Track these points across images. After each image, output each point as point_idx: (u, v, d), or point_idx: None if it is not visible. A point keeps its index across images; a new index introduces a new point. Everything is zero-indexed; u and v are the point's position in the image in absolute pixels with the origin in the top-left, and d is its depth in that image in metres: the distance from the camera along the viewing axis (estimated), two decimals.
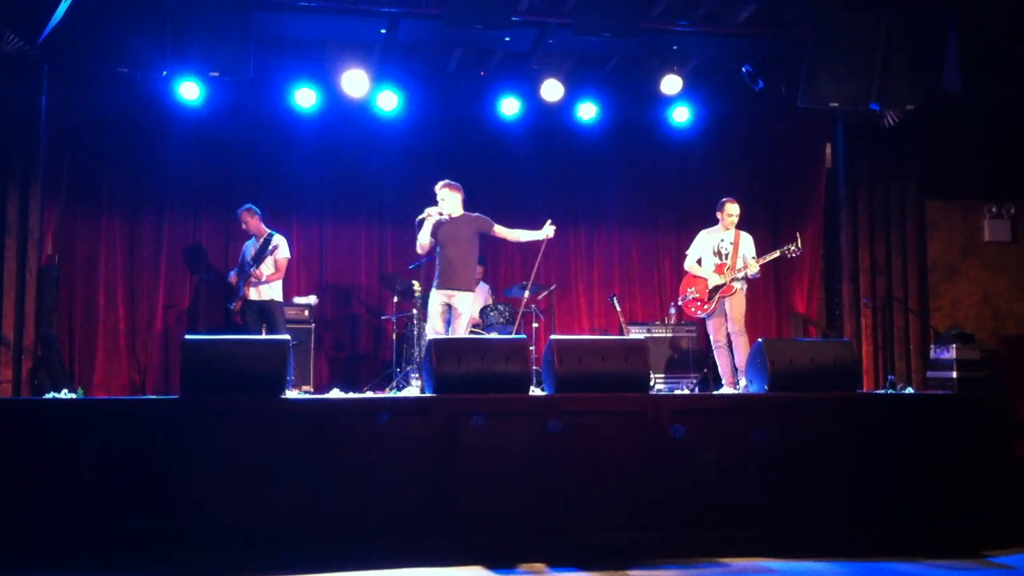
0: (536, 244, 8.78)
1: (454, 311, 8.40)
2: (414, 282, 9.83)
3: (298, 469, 5.74)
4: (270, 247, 9.43)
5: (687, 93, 10.51)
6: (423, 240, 8.48)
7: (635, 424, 6.14)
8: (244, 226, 9.64)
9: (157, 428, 5.66)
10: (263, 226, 9.67)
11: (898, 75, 8.67)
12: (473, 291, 8.54)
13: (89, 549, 5.46)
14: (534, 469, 5.98)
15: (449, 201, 8.50)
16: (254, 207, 9.70)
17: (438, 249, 8.51)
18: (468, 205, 8.80)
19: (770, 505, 6.18)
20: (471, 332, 9.35)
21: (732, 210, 9.09)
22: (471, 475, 5.91)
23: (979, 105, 9.85)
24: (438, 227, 8.47)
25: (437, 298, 8.43)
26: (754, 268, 8.91)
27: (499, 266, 10.99)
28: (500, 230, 8.57)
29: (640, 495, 6.06)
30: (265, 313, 9.47)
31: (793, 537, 6.06)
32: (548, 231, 8.44)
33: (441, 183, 8.60)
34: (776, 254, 9.00)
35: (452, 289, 8.38)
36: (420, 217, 8.51)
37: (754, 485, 6.19)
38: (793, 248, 8.92)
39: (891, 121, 9.66)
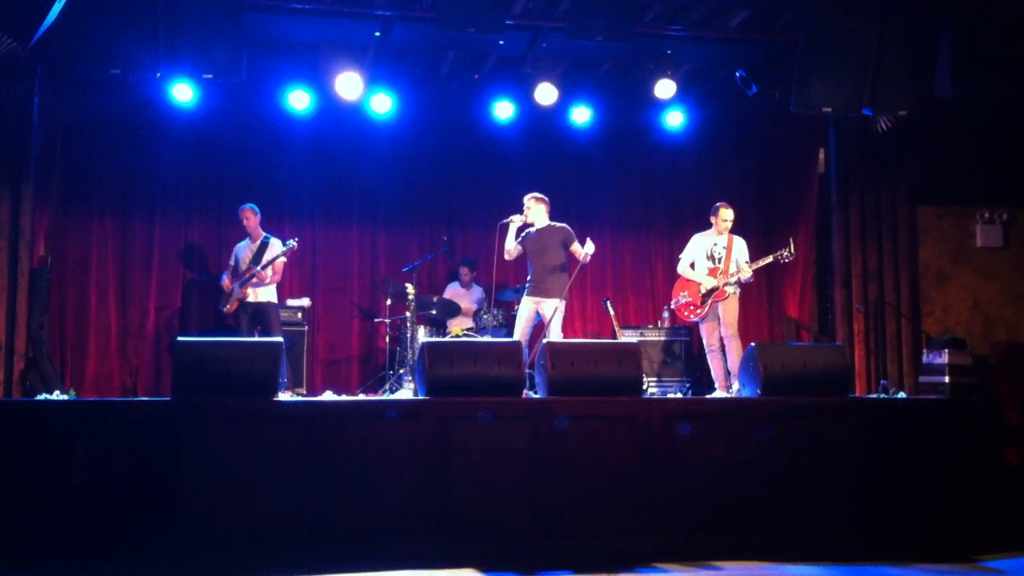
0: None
1: (543, 317, 8.77)
2: (407, 285, 9.84)
3: (290, 472, 5.73)
4: (282, 250, 9.42)
5: (680, 97, 10.51)
6: (509, 247, 8.99)
7: (628, 428, 6.15)
8: (245, 222, 9.63)
9: (149, 430, 5.65)
10: (260, 228, 9.68)
11: (890, 81, 8.68)
12: (559, 297, 8.74)
13: (79, 551, 5.45)
14: (527, 473, 5.98)
15: (535, 212, 8.99)
16: (256, 207, 9.70)
17: (528, 259, 8.96)
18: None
19: (763, 509, 6.19)
20: (465, 334, 9.34)
21: (727, 215, 9.11)
22: (463, 478, 5.91)
23: (971, 111, 9.88)
24: (525, 237, 8.92)
25: (527, 304, 8.86)
26: (747, 272, 8.93)
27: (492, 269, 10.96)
28: (576, 246, 8.86)
29: (633, 499, 6.06)
30: (261, 315, 9.46)
31: (785, 541, 6.08)
32: (589, 249, 8.69)
33: (529, 195, 9.06)
34: (769, 259, 9.00)
35: (540, 296, 8.78)
36: (503, 222, 8.91)
37: (747, 489, 6.19)
38: (786, 253, 8.92)
39: (884, 126, 9.69)
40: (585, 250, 8.67)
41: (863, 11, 8.60)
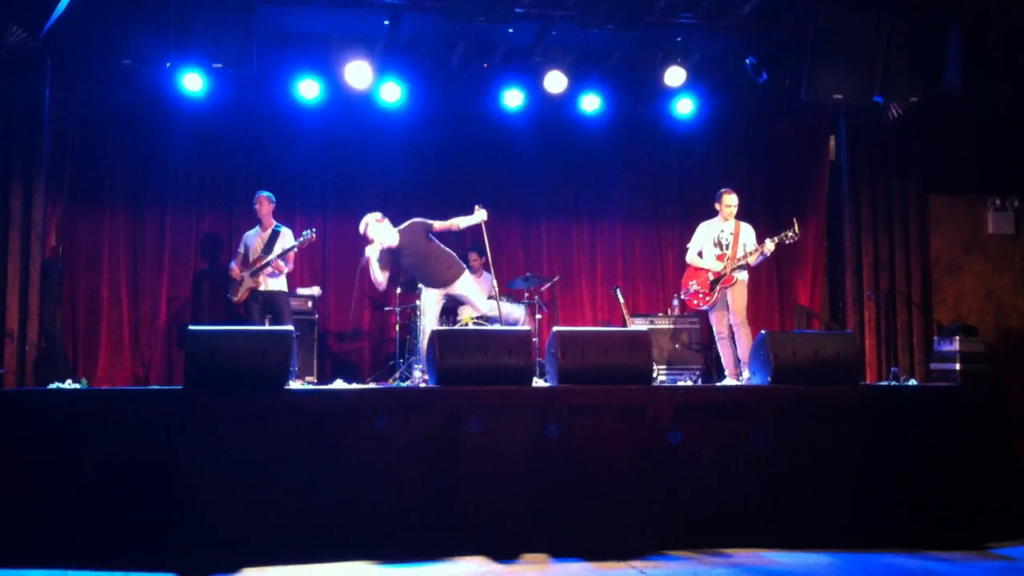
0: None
1: (458, 298, 8.84)
2: None
3: (301, 460, 5.74)
4: (299, 240, 9.42)
5: (690, 87, 10.50)
6: (378, 279, 8.65)
7: (638, 416, 6.15)
8: (258, 208, 9.61)
9: (160, 420, 5.67)
10: (272, 217, 9.70)
11: (901, 69, 8.67)
12: (464, 271, 8.87)
13: (88, 540, 5.45)
14: (537, 461, 5.98)
15: (384, 232, 8.61)
16: (272, 196, 9.71)
17: (408, 272, 8.92)
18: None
19: (773, 498, 6.18)
20: (475, 323, 9.35)
21: (730, 200, 9.08)
22: (474, 467, 5.91)
23: (983, 99, 9.81)
24: (391, 257, 8.67)
25: (433, 295, 8.74)
26: (770, 247, 8.85)
27: (502, 259, 10.98)
28: (440, 225, 8.66)
29: (643, 488, 6.06)
30: (272, 304, 9.47)
31: (796, 530, 6.07)
32: (480, 215, 8.63)
33: (363, 222, 8.65)
34: (776, 240, 8.92)
35: (443, 288, 8.73)
36: (362, 263, 8.79)
37: (757, 478, 6.19)
38: (791, 234, 8.87)
39: (895, 114, 9.65)
40: (477, 216, 8.61)
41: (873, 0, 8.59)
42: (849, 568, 5.46)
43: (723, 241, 9.07)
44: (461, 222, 8.68)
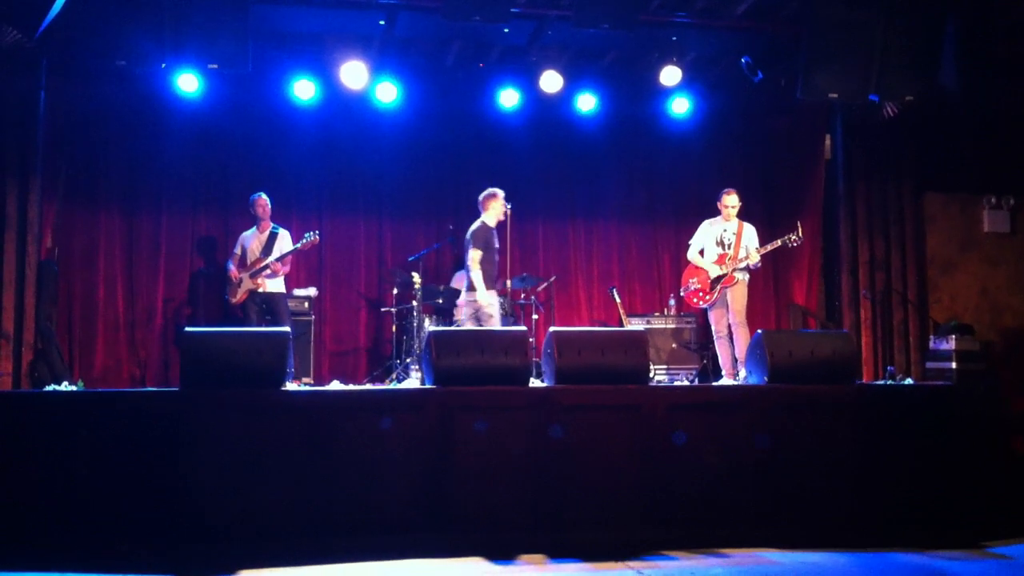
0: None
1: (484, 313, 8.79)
2: (413, 274, 9.84)
3: (298, 461, 5.74)
4: (300, 243, 9.42)
5: (686, 86, 10.49)
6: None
7: (635, 416, 6.15)
8: (259, 211, 9.62)
9: (156, 421, 5.66)
10: (269, 218, 9.69)
11: (897, 67, 8.66)
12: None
13: (87, 541, 5.45)
14: (534, 462, 5.98)
15: (501, 212, 9.10)
16: (268, 197, 9.70)
17: (491, 256, 8.93)
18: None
19: (770, 497, 6.18)
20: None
21: (730, 201, 9.11)
22: (470, 468, 5.91)
23: (978, 98, 9.82)
24: (492, 234, 8.94)
25: (495, 298, 8.84)
26: (755, 258, 8.92)
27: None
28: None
29: (640, 487, 6.06)
30: (271, 305, 9.46)
31: (793, 529, 6.07)
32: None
33: (489, 192, 9.16)
34: (778, 243, 9.00)
35: (497, 291, 8.95)
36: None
37: (754, 477, 6.19)
38: (794, 237, 8.92)
39: (890, 112, 9.66)
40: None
41: None
42: (847, 566, 5.46)
43: (726, 241, 9.08)
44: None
